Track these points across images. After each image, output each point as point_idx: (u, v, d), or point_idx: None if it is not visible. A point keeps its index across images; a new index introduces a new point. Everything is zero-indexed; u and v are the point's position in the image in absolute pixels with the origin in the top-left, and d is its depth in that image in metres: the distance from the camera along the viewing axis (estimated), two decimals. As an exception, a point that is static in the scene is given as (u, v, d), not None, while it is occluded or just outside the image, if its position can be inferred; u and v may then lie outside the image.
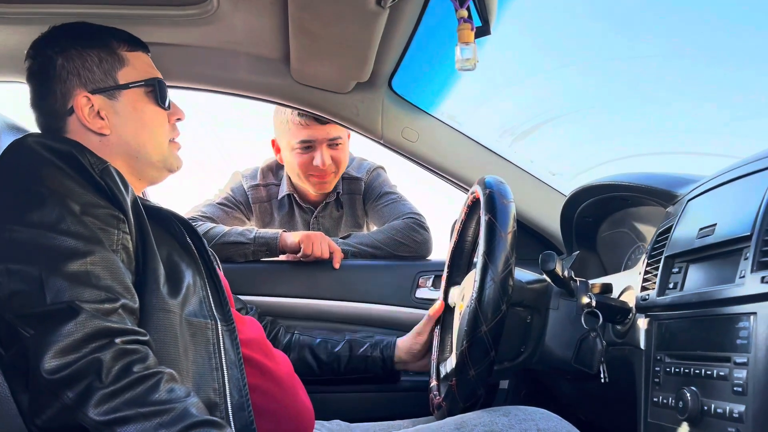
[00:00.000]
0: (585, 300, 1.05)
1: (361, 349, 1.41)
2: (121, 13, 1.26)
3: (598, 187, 1.27)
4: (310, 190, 1.91)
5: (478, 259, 1.03)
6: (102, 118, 1.06)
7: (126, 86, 1.08)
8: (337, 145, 1.81)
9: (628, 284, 1.11)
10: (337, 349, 1.41)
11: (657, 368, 0.89)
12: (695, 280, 0.87)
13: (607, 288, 1.15)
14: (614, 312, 1.05)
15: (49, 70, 1.06)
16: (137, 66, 1.11)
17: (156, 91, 1.11)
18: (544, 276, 1.17)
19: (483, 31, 0.99)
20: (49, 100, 1.06)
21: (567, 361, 1.10)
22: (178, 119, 1.17)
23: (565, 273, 1.07)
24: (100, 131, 1.06)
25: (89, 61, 1.07)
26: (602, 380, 1.04)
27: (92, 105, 1.05)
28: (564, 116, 1.77)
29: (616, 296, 1.12)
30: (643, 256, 1.06)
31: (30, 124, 1.20)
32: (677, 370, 0.83)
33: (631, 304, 1.04)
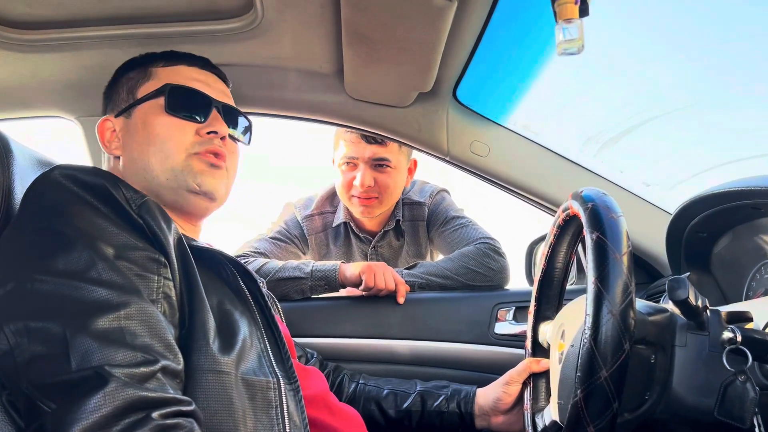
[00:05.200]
0: (727, 335, 0.85)
1: (436, 403, 1.22)
2: (159, 31, 1.16)
3: (720, 196, 1.06)
4: (355, 214, 1.76)
5: (589, 287, 0.84)
6: (118, 140, 0.97)
7: (139, 101, 0.98)
8: (382, 166, 1.67)
9: (776, 313, 0.90)
10: (407, 404, 1.23)
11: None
12: None
13: (741, 317, 0.94)
14: (766, 349, 0.84)
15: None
16: (163, 78, 0.99)
17: (167, 99, 0.96)
18: (665, 305, 0.97)
19: (581, 11, 0.82)
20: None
21: (706, 411, 0.89)
22: (213, 132, 0.98)
23: (699, 302, 0.87)
24: (114, 152, 0.97)
25: (119, 84, 1.00)
26: (758, 436, 0.82)
27: (114, 129, 0.98)
28: (657, 118, 1.56)
29: (762, 328, 0.91)
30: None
31: (64, 160, 1.09)
32: None
33: (786, 338, 0.84)
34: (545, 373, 1.16)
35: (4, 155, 0.88)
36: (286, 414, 0.81)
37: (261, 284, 0.95)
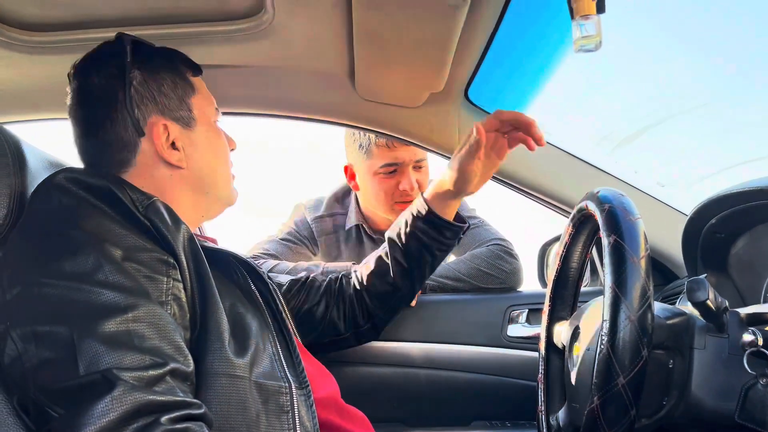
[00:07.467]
0: (747, 337, 0.83)
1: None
2: (170, 33, 1.14)
3: (738, 195, 1.04)
4: (392, 220, 1.74)
5: (606, 291, 0.83)
6: (177, 149, 0.93)
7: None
8: (421, 167, 1.64)
9: (796, 315, 0.88)
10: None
11: None
12: None
13: (761, 319, 0.92)
14: (789, 352, 0.82)
15: (116, 92, 0.92)
16: (204, 93, 1.01)
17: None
18: (682, 308, 0.96)
19: (598, 7, 0.81)
20: (114, 127, 0.92)
21: (726, 416, 0.87)
22: (231, 149, 1.07)
23: (719, 303, 0.85)
24: (177, 164, 0.93)
25: (165, 85, 0.95)
26: (781, 442, 0.81)
27: (168, 134, 0.93)
28: (672, 117, 1.53)
29: (782, 330, 0.89)
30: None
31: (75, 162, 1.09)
32: None
33: (808, 341, 0.82)
34: (560, 374, 1.14)
35: (16, 158, 0.87)
36: (297, 419, 0.80)
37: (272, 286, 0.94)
